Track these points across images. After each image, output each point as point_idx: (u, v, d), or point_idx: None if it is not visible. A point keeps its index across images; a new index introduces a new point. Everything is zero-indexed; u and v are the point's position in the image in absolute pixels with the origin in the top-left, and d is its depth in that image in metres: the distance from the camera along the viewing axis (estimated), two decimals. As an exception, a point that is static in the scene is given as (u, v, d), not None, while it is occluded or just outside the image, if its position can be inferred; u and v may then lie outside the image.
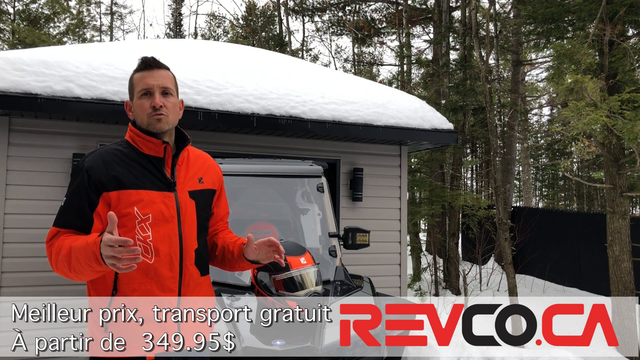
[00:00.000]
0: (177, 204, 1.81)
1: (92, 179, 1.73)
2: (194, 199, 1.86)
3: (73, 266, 1.62)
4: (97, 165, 1.75)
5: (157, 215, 1.76)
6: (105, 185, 1.73)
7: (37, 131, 4.09)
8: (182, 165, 1.89)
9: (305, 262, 2.73)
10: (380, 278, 5.10)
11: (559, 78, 6.93)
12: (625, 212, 7.15)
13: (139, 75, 1.83)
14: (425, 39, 20.29)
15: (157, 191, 1.78)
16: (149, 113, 1.79)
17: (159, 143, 1.81)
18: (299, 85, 4.81)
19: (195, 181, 1.90)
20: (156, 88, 1.80)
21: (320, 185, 3.82)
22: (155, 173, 1.80)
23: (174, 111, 1.85)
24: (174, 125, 1.86)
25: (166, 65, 1.88)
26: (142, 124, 1.81)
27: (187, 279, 1.82)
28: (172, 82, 1.87)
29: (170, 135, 1.87)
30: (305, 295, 2.65)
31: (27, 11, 20.20)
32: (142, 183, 1.77)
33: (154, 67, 1.83)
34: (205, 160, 2.01)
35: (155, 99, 1.79)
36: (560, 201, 25.82)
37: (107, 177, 1.73)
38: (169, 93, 1.84)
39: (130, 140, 1.85)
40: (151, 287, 1.75)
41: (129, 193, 1.74)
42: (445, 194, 10.90)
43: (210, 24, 24.30)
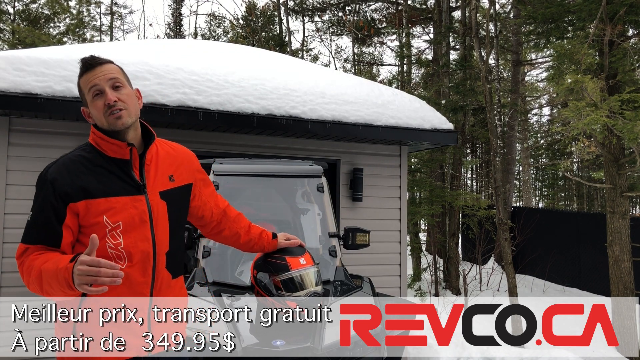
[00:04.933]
0: (148, 207, 1.74)
1: (57, 192, 1.65)
2: (165, 199, 1.79)
3: (45, 289, 1.58)
4: (62, 176, 1.66)
5: (128, 221, 1.69)
6: (71, 196, 1.65)
7: (37, 131, 4.09)
8: (150, 164, 1.80)
9: (305, 262, 2.73)
10: (380, 278, 5.10)
11: (559, 78, 6.93)
12: (625, 212, 7.15)
13: (85, 78, 1.73)
14: (425, 39, 20.29)
15: (127, 196, 1.71)
16: (105, 112, 1.69)
17: (123, 145, 1.72)
18: (299, 85, 4.81)
19: (165, 180, 1.81)
20: (104, 84, 1.70)
21: (320, 185, 3.82)
22: (122, 177, 1.72)
23: (132, 102, 1.74)
24: (136, 117, 1.76)
25: (108, 59, 1.78)
26: (102, 125, 1.71)
27: (159, 282, 1.77)
28: (119, 73, 1.77)
29: (135, 130, 1.78)
30: (305, 295, 2.65)
31: (27, 11, 20.21)
32: (110, 189, 1.69)
33: (95, 65, 1.73)
34: (176, 154, 1.91)
35: (108, 95, 1.68)
36: (560, 201, 25.82)
37: (72, 188, 1.65)
38: (120, 85, 1.73)
39: (94, 143, 1.75)
40: (122, 292, 1.69)
41: (97, 202, 1.66)
42: (445, 194, 10.90)
43: (210, 24, 24.31)
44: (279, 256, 2.72)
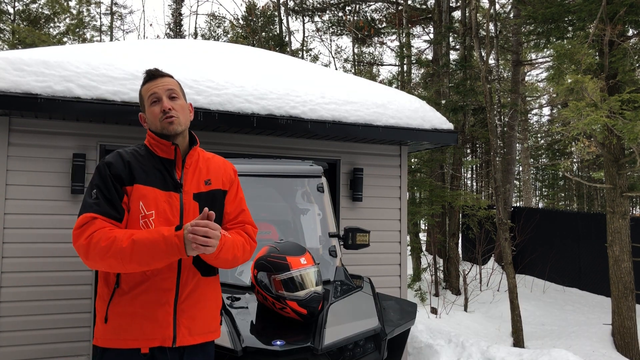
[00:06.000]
0: (181, 204, 1.89)
1: (112, 173, 1.84)
2: (198, 200, 1.93)
3: (135, 258, 1.69)
4: (116, 162, 1.88)
5: (160, 212, 1.85)
6: (123, 179, 1.85)
7: (37, 131, 4.09)
8: (189, 168, 1.98)
9: (305, 262, 2.73)
10: (380, 278, 5.10)
11: (559, 78, 6.93)
12: (625, 212, 7.15)
13: (146, 87, 1.97)
14: (425, 39, 20.32)
15: (164, 190, 1.88)
16: (160, 117, 1.91)
17: (169, 145, 1.92)
18: (299, 85, 4.81)
19: (201, 183, 1.97)
20: (163, 93, 1.93)
21: (320, 185, 3.82)
22: (165, 174, 1.91)
23: (183, 113, 1.97)
24: (186, 126, 1.97)
25: (169, 74, 2.02)
26: (156, 129, 1.93)
27: (185, 278, 1.87)
28: (177, 86, 2.00)
29: (184, 138, 1.98)
30: (305, 295, 2.65)
31: (27, 11, 20.22)
32: (152, 181, 1.88)
33: (157, 76, 1.97)
34: (215, 161, 2.08)
35: (164, 102, 1.91)
36: (560, 201, 25.83)
37: (124, 173, 1.85)
38: (176, 96, 1.96)
39: (148, 144, 1.98)
40: (149, 284, 1.82)
41: (138, 187, 1.85)
42: (445, 194, 10.90)
43: (210, 24, 24.31)
44: (279, 256, 2.72)
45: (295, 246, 2.82)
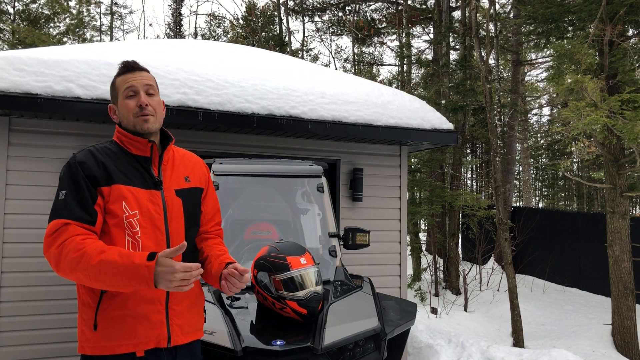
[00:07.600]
0: (163, 202, 1.85)
1: (85, 173, 1.76)
2: (181, 197, 1.90)
3: (102, 278, 1.60)
4: (89, 161, 1.79)
5: (144, 212, 1.79)
6: (98, 180, 1.76)
7: (37, 131, 4.09)
8: (167, 164, 1.93)
9: (305, 262, 2.73)
10: (380, 278, 5.10)
11: (559, 78, 6.93)
12: (625, 212, 7.15)
13: (122, 78, 1.88)
14: (425, 39, 20.31)
15: (145, 189, 1.82)
16: (135, 113, 1.84)
17: (145, 142, 1.86)
18: (299, 85, 4.81)
19: (181, 180, 1.94)
20: (140, 87, 1.86)
21: (320, 185, 3.82)
22: (142, 172, 1.85)
23: (159, 110, 1.91)
24: (160, 124, 1.91)
25: (146, 68, 1.96)
26: (128, 124, 1.86)
27: None
28: (154, 82, 1.94)
29: (156, 136, 1.92)
30: (305, 295, 2.65)
31: (27, 11, 20.21)
32: (131, 180, 1.81)
33: (135, 69, 1.89)
34: (191, 159, 2.05)
35: (141, 97, 1.84)
36: (560, 201, 25.82)
37: (99, 172, 1.77)
38: (153, 93, 1.90)
39: (118, 141, 1.90)
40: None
41: (119, 188, 1.77)
42: (445, 194, 10.90)
43: (210, 24, 24.30)
44: (279, 256, 2.72)
45: (295, 246, 2.82)
